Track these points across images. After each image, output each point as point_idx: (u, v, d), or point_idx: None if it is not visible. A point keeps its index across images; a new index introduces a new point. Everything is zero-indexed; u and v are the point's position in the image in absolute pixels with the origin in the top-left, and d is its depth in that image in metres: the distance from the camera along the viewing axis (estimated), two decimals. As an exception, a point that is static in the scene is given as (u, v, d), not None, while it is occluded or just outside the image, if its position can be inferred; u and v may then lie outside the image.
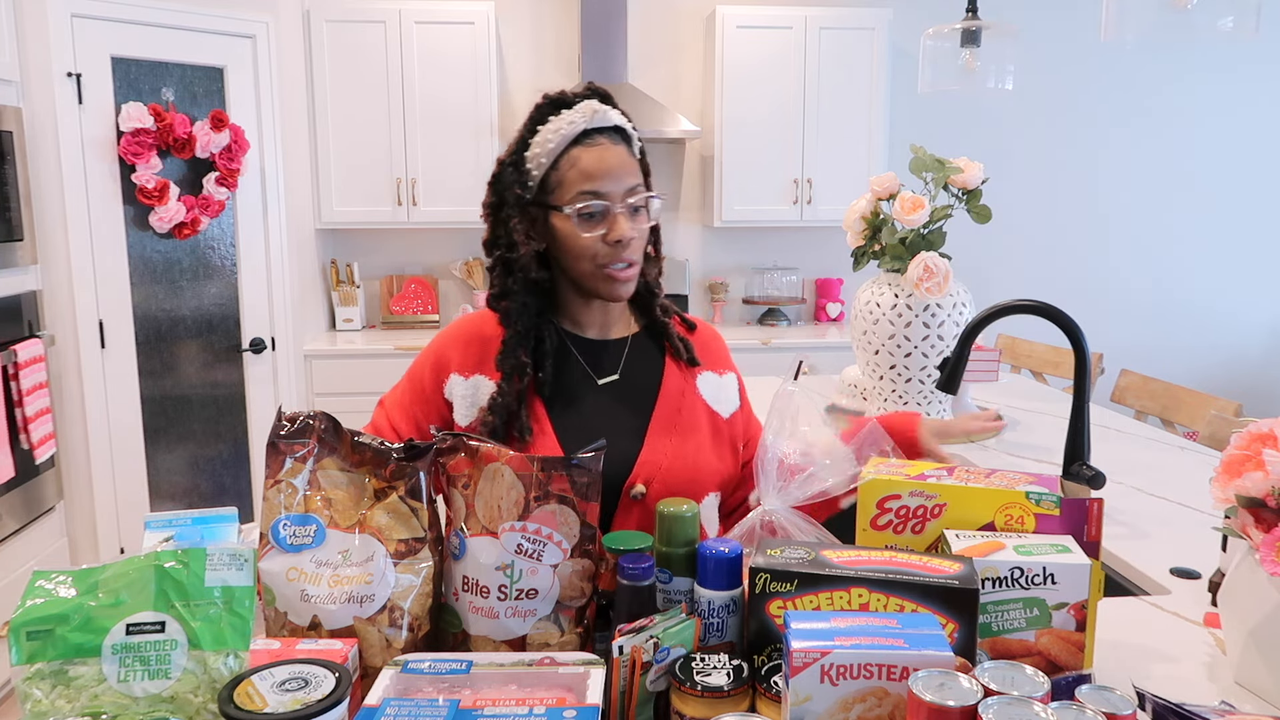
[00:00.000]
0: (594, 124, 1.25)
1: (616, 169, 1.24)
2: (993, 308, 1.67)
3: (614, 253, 1.25)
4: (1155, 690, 0.87)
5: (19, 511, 2.82)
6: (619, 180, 1.24)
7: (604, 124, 1.26)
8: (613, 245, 1.24)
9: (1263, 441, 1.05)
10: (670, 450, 1.31)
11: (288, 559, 0.97)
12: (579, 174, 1.24)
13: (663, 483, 1.28)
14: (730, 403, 1.40)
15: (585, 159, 1.24)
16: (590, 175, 1.23)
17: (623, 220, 1.24)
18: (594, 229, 1.24)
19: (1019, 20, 3.40)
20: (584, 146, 1.24)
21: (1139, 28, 1.83)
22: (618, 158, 1.25)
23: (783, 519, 1.12)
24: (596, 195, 1.23)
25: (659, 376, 1.36)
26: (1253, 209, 4.75)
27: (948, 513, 1.06)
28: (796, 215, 4.26)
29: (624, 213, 1.24)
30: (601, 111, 1.26)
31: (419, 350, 1.41)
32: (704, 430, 1.35)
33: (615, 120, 1.27)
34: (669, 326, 1.38)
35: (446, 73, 3.99)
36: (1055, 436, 2.27)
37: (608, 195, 1.24)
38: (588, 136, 1.25)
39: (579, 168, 1.24)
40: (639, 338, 1.39)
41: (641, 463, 1.29)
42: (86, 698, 0.78)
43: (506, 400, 1.26)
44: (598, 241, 1.24)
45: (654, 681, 0.88)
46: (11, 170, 2.77)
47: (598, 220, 1.24)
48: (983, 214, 2.28)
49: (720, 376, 1.41)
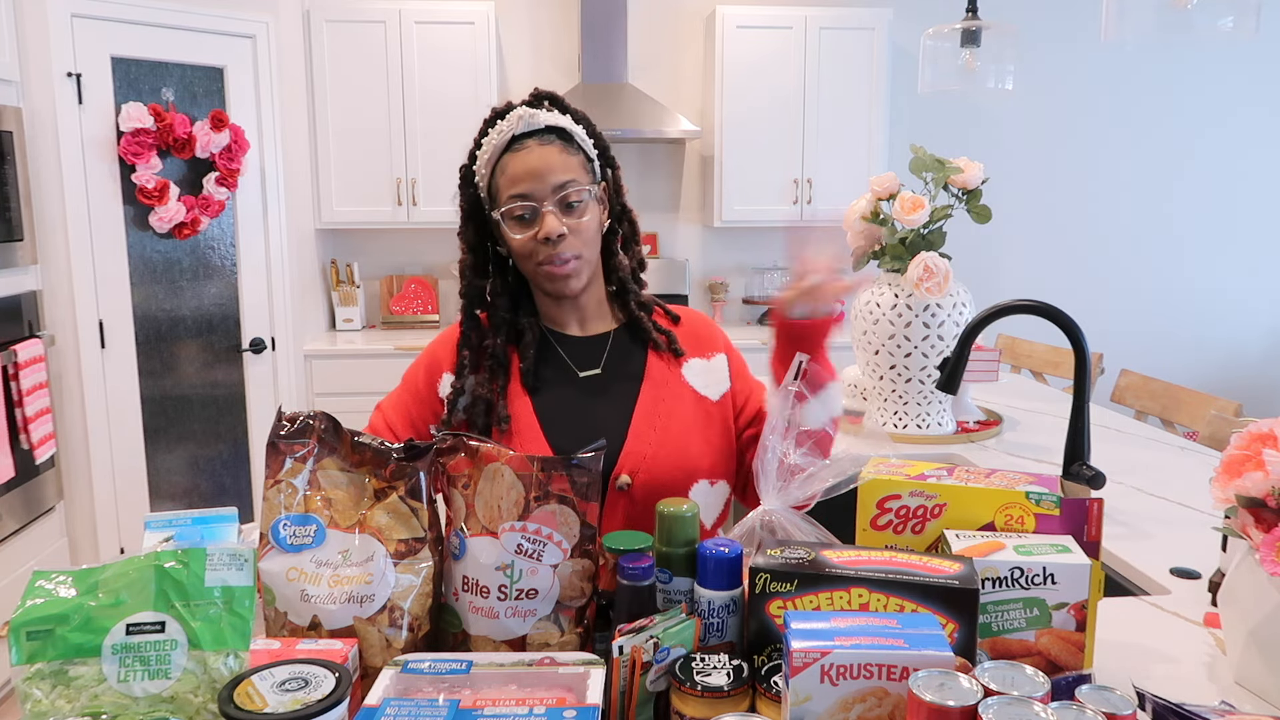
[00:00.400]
0: (521, 129, 1.29)
1: (540, 169, 1.27)
2: (993, 308, 1.67)
3: (548, 250, 1.28)
4: (1155, 690, 0.87)
5: (19, 511, 2.82)
6: (543, 179, 1.27)
7: (532, 127, 1.29)
8: (544, 243, 1.28)
9: (1263, 441, 1.05)
10: (654, 440, 1.32)
11: (288, 559, 0.97)
12: (507, 180, 1.29)
13: (648, 473, 1.30)
14: (720, 385, 1.41)
15: (511, 165, 1.29)
16: (515, 179, 1.28)
17: (550, 218, 1.27)
18: (525, 230, 1.29)
19: (1019, 20, 3.40)
20: (511, 153, 1.29)
21: (1139, 28, 1.83)
22: (542, 158, 1.28)
23: (783, 519, 1.12)
24: (523, 197, 1.28)
25: (642, 367, 1.38)
26: (1252, 209, 4.75)
27: (948, 513, 1.06)
28: (796, 215, 4.26)
29: (553, 210, 1.27)
30: (529, 115, 1.29)
31: (419, 350, 1.44)
32: (690, 418, 1.36)
33: (545, 121, 1.30)
34: (644, 321, 1.40)
35: (446, 73, 3.99)
36: (1055, 436, 2.27)
37: (533, 195, 1.27)
38: (516, 142, 1.29)
39: (507, 174, 1.29)
40: (620, 333, 1.41)
41: (626, 454, 1.31)
42: (86, 698, 0.78)
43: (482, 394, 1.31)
44: (531, 241, 1.29)
45: (654, 681, 0.88)
46: (11, 170, 2.77)
47: (529, 221, 1.29)
48: (983, 214, 2.28)
49: (708, 360, 1.42)
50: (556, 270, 1.30)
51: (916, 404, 2.33)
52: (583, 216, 1.30)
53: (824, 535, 1.13)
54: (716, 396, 1.40)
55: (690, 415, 1.37)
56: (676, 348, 1.40)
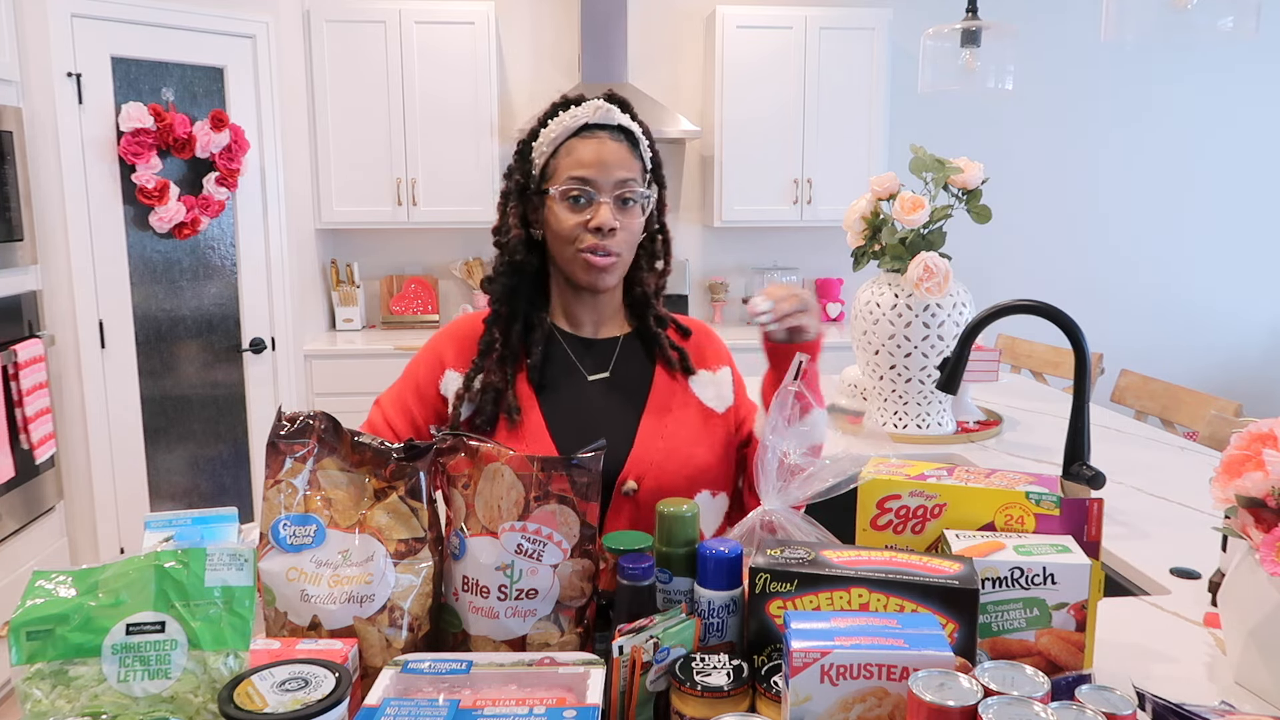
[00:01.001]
0: (596, 120, 1.30)
1: (608, 160, 1.28)
2: (993, 308, 1.67)
3: (595, 240, 1.28)
4: (1155, 690, 0.87)
5: (19, 511, 2.82)
6: (609, 171, 1.28)
7: (606, 121, 1.31)
8: (593, 231, 1.28)
9: (1263, 441, 1.05)
10: (661, 447, 1.32)
11: (288, 559, 0.97)
12: (572, 161, 1.29)
13: (654, 479, 1.30)
14: (724, 399, 1.41)
15: (580, 148, 1.29)
16: (581, 163, 1.29)
17: (605, 209, 1.28)
18: (578, 214, 1.29)
19: (1019, 20, 3.40)
20: (581, 138, 1.30)
21: (1139, 28, 1.83)
22: (612, 152, 1.29)
23: (783, 519, 1.11)
24: (584, 181, 1.28)
25: (651, 374, 1.38)
26: (1252, 209, 4.75)
27: (948, 513, 1.06)
28: (796, 215, 4.26)
29: (609, 203, 1.28)
30: (606, 109, 1.31)
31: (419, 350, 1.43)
32: (697, 427, 1.36)
33: (619, 120, 1.31)
34: (660, 337, 1.40)
35: (446, 73, 3.99)
36: (1055, 436, 2.27)
37: (594, 184, 1.28)
38: (588, 130, 1.30)
39: (573, 155, 1.29)
40: (630, 339, 1.41)
41: (633, 459, 1.31)
42: (86, 698, 0.78)
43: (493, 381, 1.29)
44: (579, 227, 1.29)
45: (654, 681, 0.88)
46: (11, 170, 2.77)
47: (582, 206, 1.29)
48: (983, 214, 2.28)
49: (714, 373, 1.42)
50: (598, 261, 1.29)
51: (916, 404, 2.33)
52: (633, 217, 1.31)
53: (824, 535, 1.13)
54: (721, 409, 1.40)
55: (696, 425, 1.36)
56: (689, 365, 1.40)
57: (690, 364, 1.40)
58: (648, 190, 1.33)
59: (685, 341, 1.43)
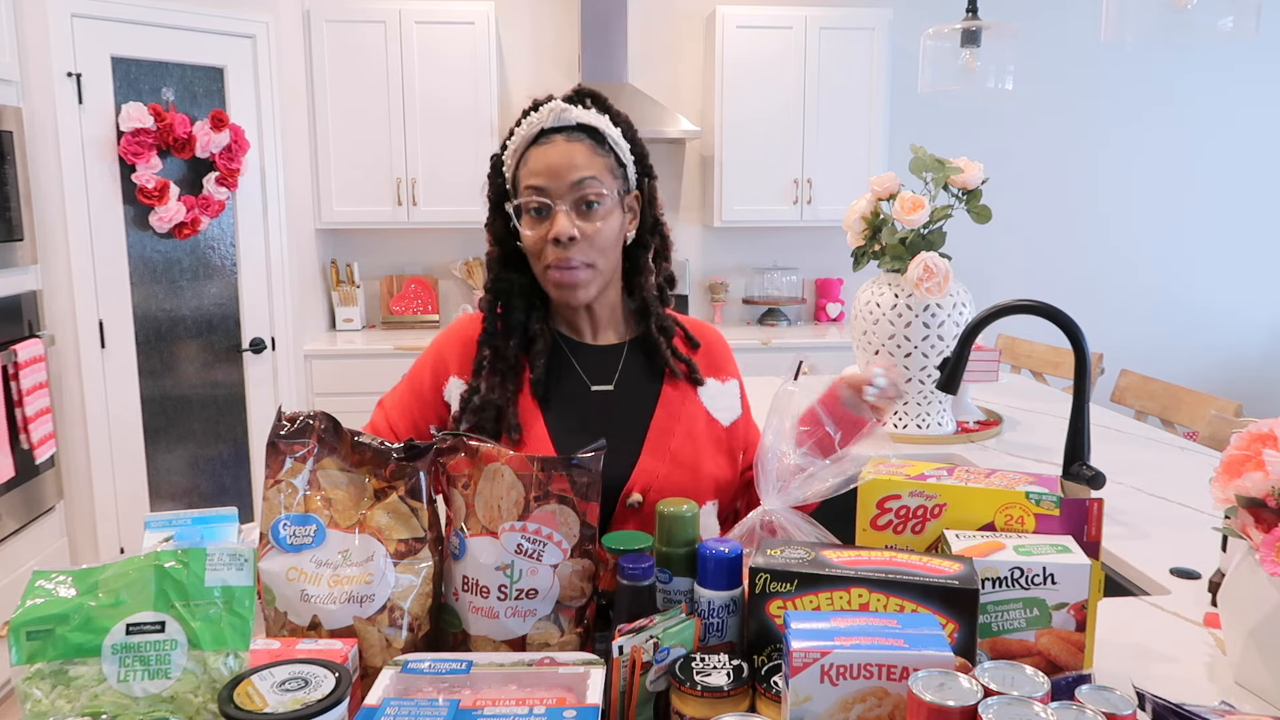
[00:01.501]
0: (551, 124, 1.24)
1: (559, 166, 1.22)
2: (993, 308, 1.67)
3: (557, 252, 1.23)
4: (1155, 690, 0.87)
5: (19, 511, 2.82)
6: (560, 176, 1.22)
7: (563, 123, 1.24)
8: (553, 243, 1.22)
9: (1263, 441, 1.05)
10: (668, 459, 1.29)
11: (288, 559, 0.97)
12: (527, 173, 1.24)
13: (659, 491, 1.26)
14: (732, 410, 1.38)
15: (534, 157, 1.24)
16: (534, 172, 1.23)
17: (562, 218, 1.22)
18: (537, 226, 1.24)
19: (1019, 20, 3.40)
20: (537, 145, 1.25)
21: (1139, 28, 1.83)
22: (565, 155, 1.22)
23: (783, 519, 1.12)
24: (538, 191, 1.23)
25: (658, 384, 1.34)
26: (1252, 209, 4.75)
27: (948, 513, 1.06)
28: (796, 215, 4.26)
29: (566, 210, 1.22)
30: (561, 110, 1.24)
31: (419, 350, 1.41)
32: (703, 439, 1.33)
33: (577, 118, 1.25)
34: (662, 348, 1.34)
35: (446, 73, 3.99)
36: (1055, 436, 2.27)
37: (548, 192, 1.22)
38: (544, 136, 1.25)
39: (528, 166, 1.25)
40: (636, 345, 1.36)
41: (639, 471, 1.27)
42: (86, 698, 0.78)
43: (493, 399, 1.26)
44: (542, 240, 1.24)
45: (654, 681, 0.88)
46: (11, 170, 2.77)
47: (542, 218, 1.24)
48: (983, 214, 2.28)
49: (723, 384, 1.39)
50: (563, 277, 1.24)
51: (916, 404, 2.33)
52: (598, 221, 1.23)
53: (824, 535, 1.13)
54: (728, 422, 1.36)
55: (703, 437, 1.33)
56: (697, 377, 1.35)
57: (699, 374, 1.35)
58: (614, 189, 1.25)
59: (694, 352, 1.38)
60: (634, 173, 1.32)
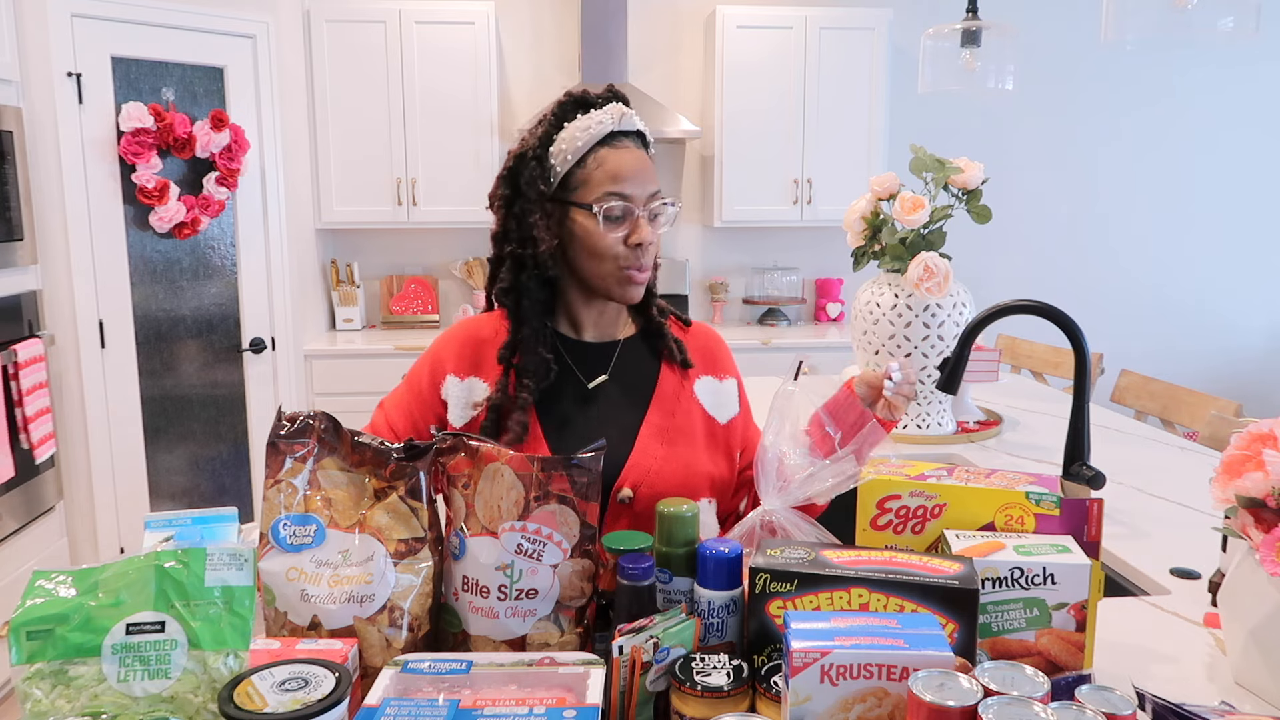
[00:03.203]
0: (621, 126, 1.26)
1: (641, 173, 1.26)
2: (993, 308, 1.67)
3: (633, 255, 1.26)
4: (1155, 690, 0.87)
5: (19, 511, 2.82)
6: (643, 185, 1.26)
7: (630, 128, 1.28)
8: (633, 248, 1.26)
9: (1263, 441, 1.05)
10: (661, 454, 1.30)
11: (288, 559, 0.97)
12: (605, 174, 1.25)
13: (651, 487, 1.27)
14: (728, 408, 1.39)
15: (613, 160, 1.25)
16: (617, 177, 1.24)
17: (644, 224, 1.26)
18: (617, 230, 1.26)
19: (1019, 20, 3.40)
20: (611, 148, 1.26)
21: (1139, 28, 1.83)
22: (642, 163, 1.27)
23: (783, 519, 1.12)
24: (622, 197, 1.25)
25: (654, 379, 1.36)
26: (1252, 209, 4.75)
27: (948, 513, 1.06)
28: (796, 215, 4.26)
29: (645, 217, 1.27)
30: (628, 115, 1.28)
31: (419, 350, 1.42)
32: (698, 435, 1.34)
33: (639, 125, 1.30)
34: (664, 327, 1.38)
35: (447, 72, 4.00)
36: (1055, 436, 2.27)
37: (632, 198, 1.25)
38: (614, 138, 1.26)
39: (605, 168, 1.25)
40: (633, 340, 1.39)
41: (630, 466, 1.28)
42: (86, 698, 0.78)
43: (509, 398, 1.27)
44: (619, 243, 1.26)
45: (654, 681, 0.88)
46: (11, 170, 2.77)
47: (621, 222, 1.26)
48: (983, 214, 2.28)
49: (720, 381, 1.40)
50: (636, 278, 1.28)
51: (916, 404, 2.32)
52: (660, 229, 1.29)
53: (824, 535, 1.13)
54: (724, 420, 1.38)
55: (698, 433, 1.34)
56: (685, 359, 1.37)
57: (688, 357, 1.37)
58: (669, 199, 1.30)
59: (685, 335, 1.42)
60: None
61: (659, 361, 1.37)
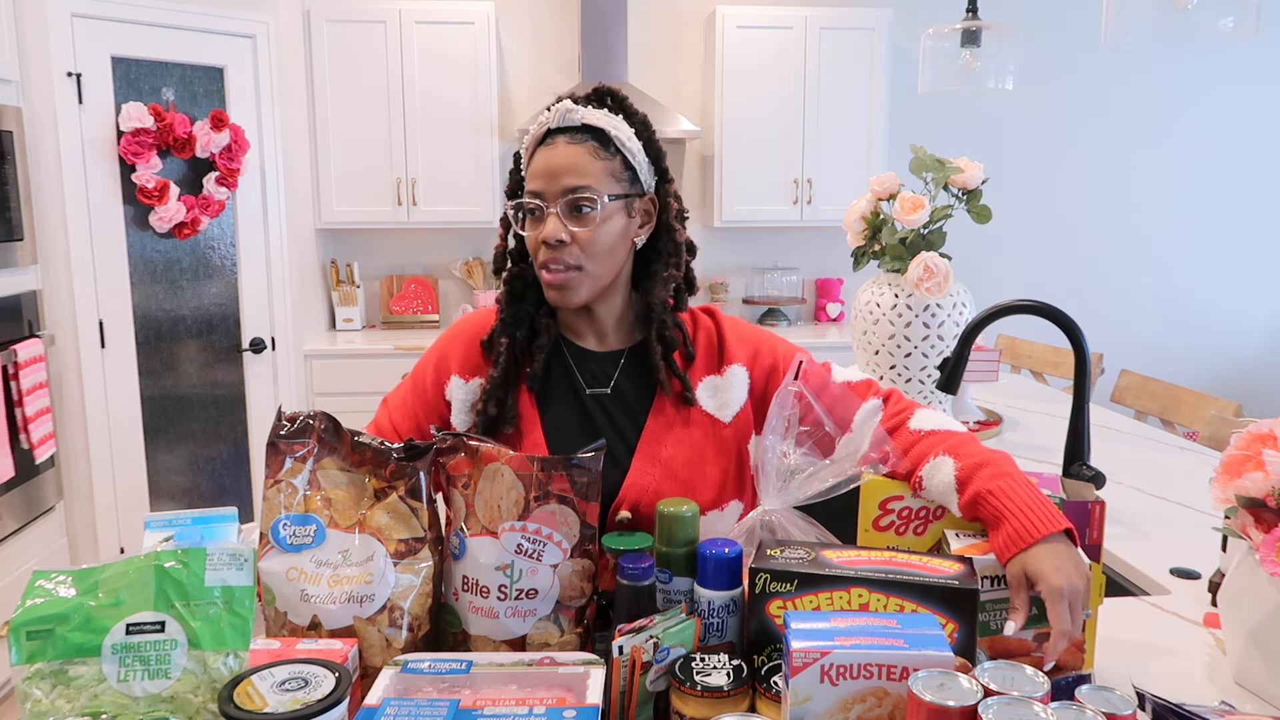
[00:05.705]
0: (557, 124, 1.23)
1: (555, 169, 1.21)
2: (993, 308, 1.67)
3: (547, 252, 1.22)
4: (1155, 690, 0.87)
5: (19, 511, 2.81)
6: (555, 180, 1.21)
7: (567, 123, 1.23)
8: (543, 245, 1.22)
9: (1263, 441, 1.05)
10: (658, 474, 1.25)
11: (288, 559, 0.97)
12: (529, 173, 1.25)
13: (650, 508, 1.21)
14: (734, 403, 1.31)
15: (536, 159, 1.24)
16: (533, 174, 1.23)
17: (552, 220, 1.20)
18: (533, 228, 1.24)
19: (1019, 20, 3.40)
20: (543, 146, 1.24)
21: (1139, 28, 1.83)
22: (562, 157, 1.21)
23: (783, 519, 1.12)
24: (534, 194, 1.23)
25: (652, 394, 1.30)
26: (1253, 209, 4.75)
27: (949, 513, 1.06)
28: (796, 215, 4.26)
29: (557, 213, 1.20)
30: (567, 111, 1.23)
31: (419, 350, 1.42)
32: (700, 445, 1.28)
33: (583, 119, 1.23)
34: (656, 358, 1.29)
35: (446, 72, 3.99)
36: (1055, 436, 2.27)
37: (543, 194, 1.22)
38: (550, 136, 1.24)
39: (531, 167, 1.25)
40: (636, 351, 1.33)
41: (628, 486, 1.24)
42: (86, 697, 0.78)
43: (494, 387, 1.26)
44: (536, 240, 1.24)
45: (654, 681, 0.88)
46: (11, 170, 2.77)
47: (537, 219, 1.24)
48: (983, 214, 2.28)
49: (720, 377, 1.33)
50: (551, 278, 1.22)
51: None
52: (591, 225, 1.21)
53: (824, 535, 1.13)
54: (729, 417, 1.30)
55: (700, 442, 1.28)
56: (689, 396, 1.29)
57: (690, 395, 1.30)
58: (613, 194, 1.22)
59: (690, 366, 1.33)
60: (648, 175, 1.30)
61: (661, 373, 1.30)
